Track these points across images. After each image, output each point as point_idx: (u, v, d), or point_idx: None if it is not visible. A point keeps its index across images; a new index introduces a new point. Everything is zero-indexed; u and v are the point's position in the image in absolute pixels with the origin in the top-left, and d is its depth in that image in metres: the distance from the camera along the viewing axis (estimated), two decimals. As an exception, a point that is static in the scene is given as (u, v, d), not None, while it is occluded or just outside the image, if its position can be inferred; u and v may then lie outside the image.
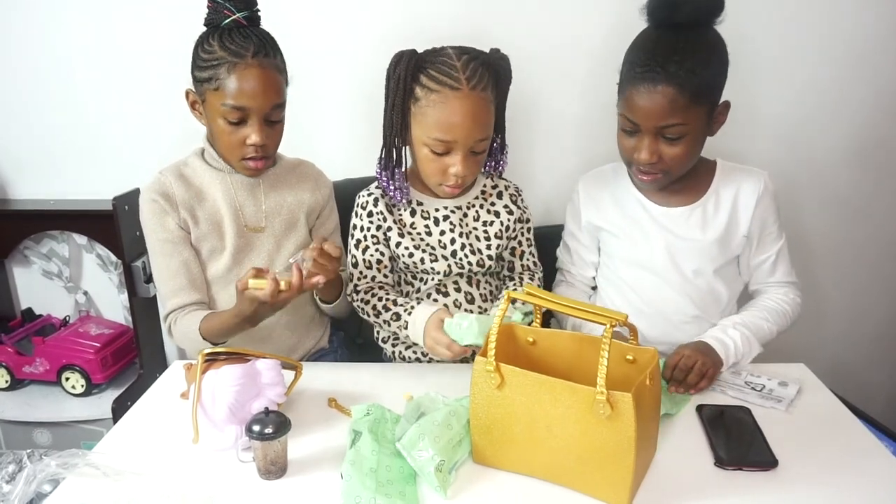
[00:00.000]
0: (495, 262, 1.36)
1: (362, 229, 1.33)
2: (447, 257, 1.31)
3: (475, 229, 1.34)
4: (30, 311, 2.01)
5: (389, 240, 1.32)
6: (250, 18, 1.23)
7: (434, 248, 1.31)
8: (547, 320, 1.46)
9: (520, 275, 1.41)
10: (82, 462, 0.91)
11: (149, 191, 1.29)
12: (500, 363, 0.92)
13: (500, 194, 1.37)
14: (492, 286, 1.39)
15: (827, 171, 1.81)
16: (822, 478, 0.94)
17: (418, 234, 1.32)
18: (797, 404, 1.13)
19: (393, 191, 1.29)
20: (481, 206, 1.35)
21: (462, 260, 1.31)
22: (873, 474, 0.95)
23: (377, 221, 1.32)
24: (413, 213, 1.33)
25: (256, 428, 0.92)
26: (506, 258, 1.41)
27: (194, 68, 1.24)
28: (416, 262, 1.30)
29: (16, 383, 1.92)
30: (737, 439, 1.02)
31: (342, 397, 1.14)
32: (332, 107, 1.77)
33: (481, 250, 1.33)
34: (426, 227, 1.32)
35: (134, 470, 0.95)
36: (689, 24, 1.15)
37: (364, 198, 1.34)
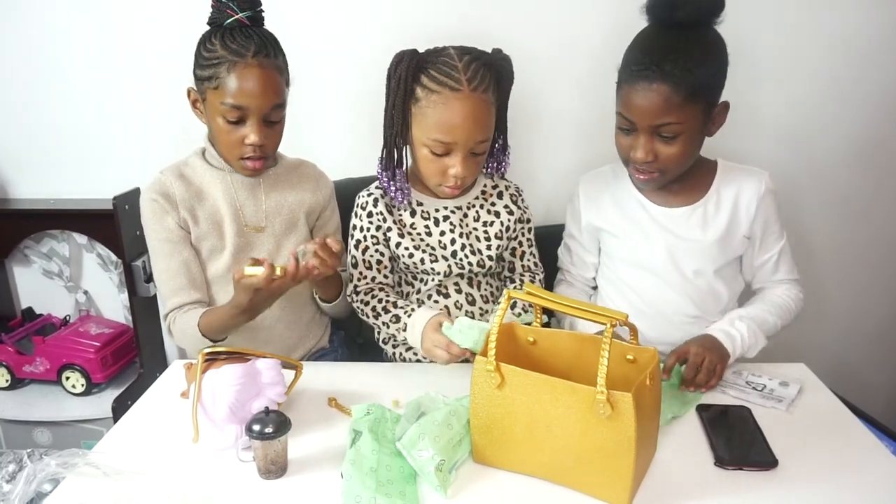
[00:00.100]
0: (496, 263, 1.36)
1: (362, 230, 1.33)
2: (447, 258, 1.31)
3: (475, 230, 1.34)
4: (30, 310, 2.01)
5: (389, 240, 1.32)
6: (253, 18, 1.24)
7: (434, 248, 1.31)
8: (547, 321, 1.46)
9: (520, 276, 1.41)
10: (82, 461, 0.91)
11: (149, 190, 1.30)
12: (501, 363, 0.92)
13: (500, 194, 1.37)
14: (492, 287, 1.39)
15: (827, 171, 1.81)
16: (822, 477, 0.94)
17: (418, 234, 1.32)
18: (798, 404, 1.12)
19: (394, 191, 1.29)
20: (481, 207, 1.35)
21: (462, 260, 1.31)
22: (873, 474, 0.95)
23: (377, 222, 1.32)
24: (413, 214, 1.32)
25: (256, 427, 0.92)
26: (506, 259, 1.41)
27: (196, 67, 1.24)
28: (416, 262, 1.30)
29: (16, 382, 1.92)
30: (737, 439, 1.02)
31: (342, 397, 1.14)
32: (333, 106, 1.77)
33: (481, 251, 1.33)
34: (426, 227, 1.32)
35: (134, 469, 0.95)
36: (688, 23, 1.15)
37: (364, 198, 1.34)
